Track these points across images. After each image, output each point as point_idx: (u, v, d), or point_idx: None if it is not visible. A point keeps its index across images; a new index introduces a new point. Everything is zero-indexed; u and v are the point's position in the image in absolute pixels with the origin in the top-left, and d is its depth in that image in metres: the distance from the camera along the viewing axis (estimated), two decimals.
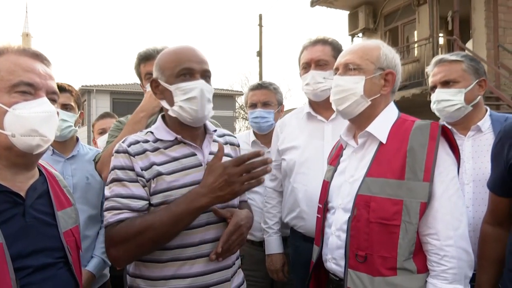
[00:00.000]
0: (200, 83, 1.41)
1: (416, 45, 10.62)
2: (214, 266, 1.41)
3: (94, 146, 3.08)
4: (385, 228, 1.32)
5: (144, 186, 1.36)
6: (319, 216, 1.63)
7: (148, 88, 2.02)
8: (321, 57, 2.06)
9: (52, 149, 2.16)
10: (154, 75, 1.47)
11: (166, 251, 1.37)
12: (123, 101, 23.31)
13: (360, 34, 12.24)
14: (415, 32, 11.14)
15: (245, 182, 1.32)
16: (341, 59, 1.54)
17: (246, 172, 1.32)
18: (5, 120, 1.06)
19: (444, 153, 1.37)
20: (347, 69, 1.49)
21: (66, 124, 2.17)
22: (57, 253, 1.16)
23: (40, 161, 1.27)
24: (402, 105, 1.58)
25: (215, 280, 1.41)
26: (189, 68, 1.40)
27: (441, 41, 10.88)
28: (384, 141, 1.42)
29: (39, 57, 1.17)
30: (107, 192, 1.37)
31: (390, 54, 1.50)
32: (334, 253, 1.47)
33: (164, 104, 1.45)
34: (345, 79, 1.49)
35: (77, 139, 2.33)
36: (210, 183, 1.31)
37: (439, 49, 10.16)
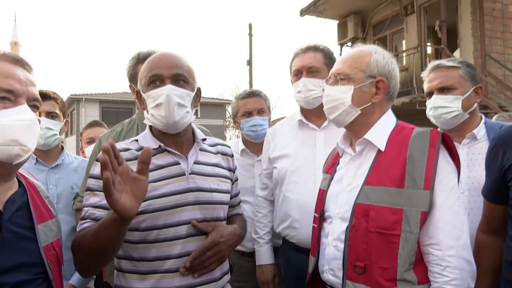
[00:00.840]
0: (166, 88, 1.36)
1: (404, 54, 10.73)
2: (196, 280, 1.35)
3: (82, 156, 3.01)
4: (385, 238, 1.28)
5: None
6: (315, 225, 1.59)
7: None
8: (313, 64, 2.04)
9: (36, 158, 2.10)
10: (137, 86, 1.46)
11: (145, 262, 1.33)
12: (112, 110, 23.18)
13: (349, 44, 12.34)
14: (404, 42, 11.27)
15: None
16: (333, 68, 1.53)
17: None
18: None
19: (444, 161, 1.33)
20: (337, 79, 1.48)
21: (51, 133, 2.11)
22: (36, 269, 1.09)
23: (20, 171, 1.21)
24: (394, 113, 1.54)
25: None
26: (158, 74, 1.38)
27: (429, 50, 11.01)
28: (382, 149, 1.39)
29: (19, 62, 1.11)
30: (84, 198, 1.35)
31: (382, 60, 1.46)
32: (331, 263, 1.43)
33: (145, 113, 1.44)
34: (334, 89, 1.48)
35: (62, 147, 2.27)
36: None
37: (427, 58, 10.28)
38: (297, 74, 2.08)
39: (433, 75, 1.93)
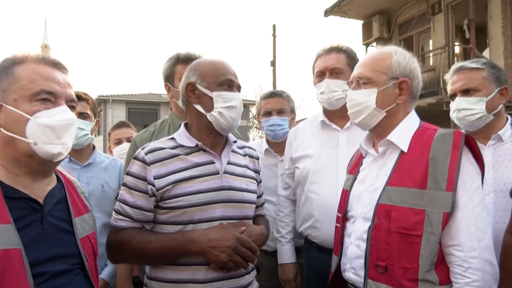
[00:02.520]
0: (239, 95, 1.54)
1: (431, 54, 10.53)
2: (229, 274, 1.42)
3: (110, 155, 3.12)
4: (406, 238, 1.29)
5: (152, 196, 1.41)
6: (338, 225, 1.61)
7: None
8: (336, 65, 2.05)
9: (69, 157, 2.19)
10: (191, 79, 1.52)
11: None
12: (138, 111, 23.63)
13: (374, 44, 12.20)
14: (430, 41, 11.06)
15: (234, 262, 1.38)
16: (354, 72, 1.54)
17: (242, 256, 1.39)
18: (27, 128, 1.08)
19: (467, 162, 1.33)
20: (359, 83, 1.49)
21: (83, 133, 2.20)
22: (74, 259, 1.17)
23: (58, 167, 1.28)
24: (418, 114, 1.54)
25: (230, 286, 1.43)
26: (231, 80, 1.51)
27: (457, 50, 10.77)
28: (405, 150, 1.39)
29: (57, 66, 1.19)
30: (120, 192, 1.47)
31: (403, 61, 1.47)
32: (353, 262, 1.45)
33: (199, 108, 1.50)
34: (357, 93, 1.49)
35: (94, 147, 2.35)
36: (212, 238, 1.35)
37: (455, 58, 10.05)
38: (320, 75, 2.09)
39: (456, 77, 1.92)
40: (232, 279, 1.44)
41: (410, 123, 1.46)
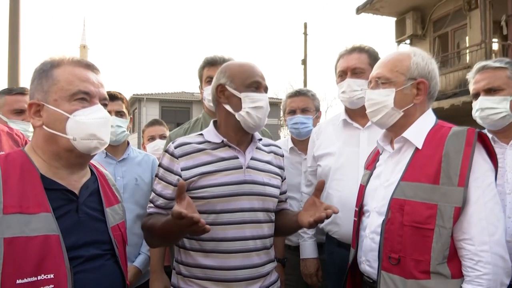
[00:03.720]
0: (266, 96, 1.62)
1: (467, 51, 10.22)
2: (250, 263, 1.52)
3: (143, 151, 3.27)
4: (419, 232, 1.34)
5: (176, 186, 1.46)
6: (355, 219, 1.67)
7: (206, 90, 2.22)
8: (357, 65, 2.09)
9: (105, 152, 2.34)
10: (221, 81, 1.61)
11: (202, 242, 1.52)
12: (171, 109, 24.12)
13: (408, 41, 11.95)
14: (467, 38, 10.72)
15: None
16: (373, 72, 1.59)
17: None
18: (67, 126, 1.19)
19: (480, 158, 1.36)
20: (378, 82, 1.54)
21: (121, 130, 2.34)
22: (105, 246, 1.28)
23: (92, 161, 1.41)
24: (451, 113, 1.58)
25: (246, 275, 1.52)
26: (258, 82, 1.60)
27: (495, 46, 10.39)
28: (420, 147, 1.43)
29: (90, 67, 1.29)
30: (154, 182, 1.62)
31: (422, 62, 1.51)
32: (368, 255, 1.51)
33: (228, 108, 1.60)
34: (376, 93, 1.54)
35: (128, 143, 2.50)
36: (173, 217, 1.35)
37: (493, 54, 9.72)
38: (342, 75, 2.14)
39: (479, 76, 1.92)
40: (254, 268, 1.54)
41: (426, 121, 1.50)
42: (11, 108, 2.28)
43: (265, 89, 1.64)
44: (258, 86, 1.60)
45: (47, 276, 1.08)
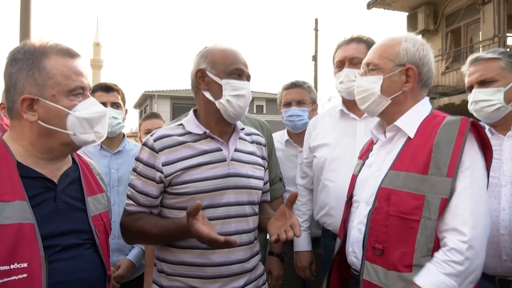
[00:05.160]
0: (248, 84, 1.56)
1: (480, 46, 10.01)
2: (234, 259, 1.48)
3: (138, 143, 3.26)
4: (404, 223, 1.30)
5: (159, 182, 1.47)
6: (344, 209, 1.63)
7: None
8: (355, 55, 2.05)
9: (101, 145, 2.33)
10: (201, 66, 1.54)
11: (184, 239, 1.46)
12: (182, 106, 24.24)
13: (420, 36, 11.77)
14: (480, 33, 10.51)
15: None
16: (364, 59, 1.55)
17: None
18: (68, 121, 1.19)
19: (472, 150, 1.31)
20: (367, 69, 1.50)
21: (116, 121, 2.33)
22: (85, 235, 1.26)
23: (79, 152, 1.39)
24: (463, 109, 1.52)
25: (231, 271, 1.48)
26: (241, 69, 1.54)
27: (510, 41, 10.17)
28: (412, 136, 1.39)
29: (76, 56, 1.26)
30: (130, 177, 1.54)
31: (412, 48, 1.45)
32: (354, 246, 1.47)
33: (207, 95, 1.53)
34: (364, 80, 1.51)
35: (123, 135, 2.48)
36: (193, 236, 1.32)
37: (507, 49, 9.49)
38: (340, 65, 2.10)
39: (472, 69, 1.85)
40: (239, 263, 1.49)
41: (420, 110, 1.45)
42: None
43: (248, 78, 1.57)
44: (240, 73, 1.54)
45: (20, 265, 1.06)
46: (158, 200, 1.50)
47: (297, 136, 2.58)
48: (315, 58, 18.76)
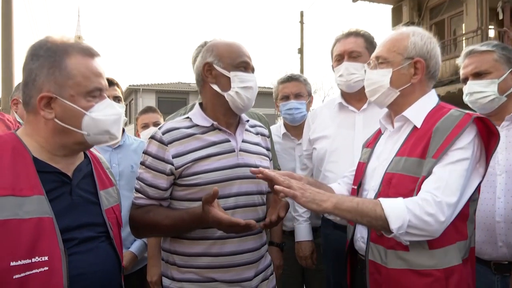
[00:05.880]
0: (255, 77, 1.60)
1: (464, 38, 10.21)
2: (245, 247, 1.52)
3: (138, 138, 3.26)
4: None
5: (170, 175, 1.49)
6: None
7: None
8: (354, 48, 2.10)
9: None
10: (208, 59, 1.57)
11: (197, 229, 1.49)
12: (167, 99, 24.06)
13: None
14: (463, 25, 10.72)
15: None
16: (374, 52, 1.60)
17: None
18: (83, 122, 1.20)
19: (467, 141, 1.34)
20: (377, 62, 1.55)
21: None
22: (100, 228, 1.28)
23: None
24: (447, 101, 1.55)
25: (243, 260, 1.51)
26: (247, 62, 1.58)
27: (492, 33, 10.39)
28: (418, 126, 1.44)
29: (96, 55, 1.27)
30: (138, 171, 1.56)
31: (420, 41, 1.50)
32: (362, 232, 1.52)
33: (216, 88, 1.56)
34: (374, 73, 1.55)
35: (123, 130, 2.49)
36: (211, 223, 1.37)
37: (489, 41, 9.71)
38: (339, 59, 2.15)
39: (467, 61, 1.91)
40: (250, 252, 1.53)
41: (427, 102, 1.50)
42: None
43: (253, 70, 1.62)
44: (246, 66, 1.58)
45: (41, 259, 1.08)
46: (167, 192, 1.52)
47: (294, 129, 2.62)
48: (301, 50, 18.84)
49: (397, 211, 1.27)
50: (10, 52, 8.50)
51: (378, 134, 1.69)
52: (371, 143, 1.69)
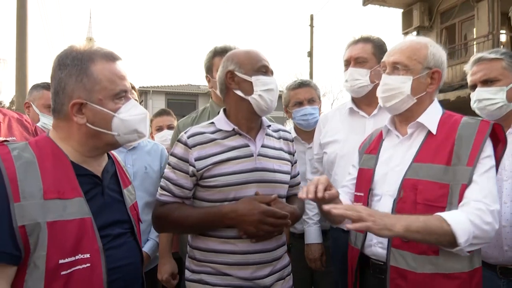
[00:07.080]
0: (275, 79, 1.68)
1: (475, 43, 10.15)
2: (263, 247, 1.58)
3: (152, 140, 3.32)
4: (431, 209, 1.39)
5: (192, 176, 1.58)
6: (360, 203, 1.66)
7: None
8: (360, 54, 2.13)
9: None
10: (229, 68, 1.65)
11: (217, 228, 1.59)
12: (177, 101, 24.17)
13: (414, 33, 11.87)
14: (474, 30, 10.65)
15: (265, 231, 1.53)
16: (389, 57, 1.61)
17: (272, 225, 1.53)
18: (113, 123, 1.27)
19: (489, 148, 1.44)
20: (395, 68, 1.57)
21: None
22: (126, 224, 1.37)
23: None
24: (457, 105, 1.62)
25: (257, 260, 1.58)
26: (266, 66, 1.67)
27: (504, 38, 10.31)
28: (434, 131, 1.51)
29: (118, 59, 1.34)
30: (165, 170, 1.65)
31: (437, 53, 1.57)
32: (379, 237, 1.53)
33: (239, 93, 1.64)
34: (392, 78, 1.57)
35: None
36: (240, 214, 1.52)
37: (501, 46, 9.65)
38: (346, 64, 2.19)
39: (476, 68, 1.94)
40: (266, 252, 1.59)
41: (436, 109, 1.58)
42: (46, 103, 2.35)
43: (272, 73, 1.69)
44: (266, 69, 1.66)
45: (84, 256, 1.17)
46: (191, 192, 1.62)
47: (304, 133, 2.66)
48: (310, 54, 18.83)
49: (462, 225, 1.31)
50: (25, 54, 8.67)
51: (379, 139, 1.71)
52: (373, 149, 1.71)
